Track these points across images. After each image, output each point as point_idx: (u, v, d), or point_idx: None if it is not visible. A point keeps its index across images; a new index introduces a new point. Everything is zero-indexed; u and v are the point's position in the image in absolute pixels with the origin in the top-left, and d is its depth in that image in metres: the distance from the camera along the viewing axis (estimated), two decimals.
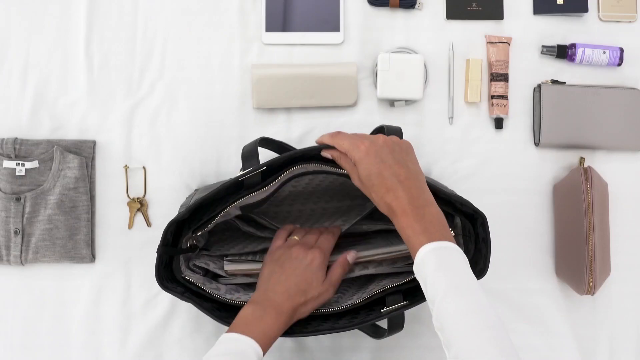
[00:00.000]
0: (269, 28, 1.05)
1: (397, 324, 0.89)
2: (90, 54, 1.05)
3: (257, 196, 0.85)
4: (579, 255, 0.96)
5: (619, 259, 1.03)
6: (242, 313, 0.81)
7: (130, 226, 1.03)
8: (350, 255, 0.88)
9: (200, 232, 0.85)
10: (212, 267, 0.89)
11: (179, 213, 0.84)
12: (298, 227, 0.94)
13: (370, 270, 0.90)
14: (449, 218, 0.87)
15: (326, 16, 1.05)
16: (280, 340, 1.01)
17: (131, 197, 1.03)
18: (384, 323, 0.92)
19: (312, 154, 0.84)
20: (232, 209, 0.86)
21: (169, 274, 0.87)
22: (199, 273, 0.88)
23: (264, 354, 0.78)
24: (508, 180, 1.04)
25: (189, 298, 0.85)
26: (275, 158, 0.83)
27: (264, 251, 0.91)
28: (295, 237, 0.89)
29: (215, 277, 0.91)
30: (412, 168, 0.78)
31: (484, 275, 0.84)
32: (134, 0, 1.05)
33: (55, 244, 1.00)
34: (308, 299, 0.83)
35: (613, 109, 1.03)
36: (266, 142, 0.92)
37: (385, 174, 0.76)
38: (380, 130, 0.87)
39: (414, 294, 0.86)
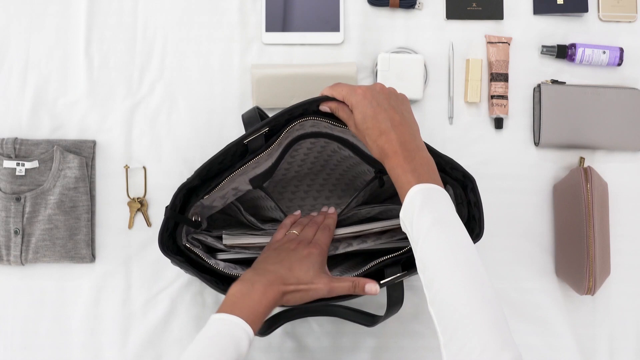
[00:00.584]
0: (269, 28, 1.05)
1: (396, 300, 0.86)
2: (90, 54, 1.05)
3: (262, 162, 0.85)
4: (579, 255, 0.96)
5: (619, 259, 1.03)
6: (230, 291, 0.79)
7: (130, 226, 1.03)
8: (369, 286, 0.82)
9: (207, 196, 0.84)
10: (210, 240, 0.88)
11: (187, 179, 0.83)
12: (298, 217, 0.93)
13: (369, 244, 0.89)
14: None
15: (326, 16, 1.05)
16: (280, 340, 1.01)
17: (131, 197, 1.03)
18: (380, 310, 0.91)
19: (311, 109, 0.83)
20: (243, 184, 0.86)
21: (171, 243, 0.86)
22: (198, 247, 0.88)
23: (254, 331, 0.76)
24: (508, 180, 1.04)
25: (188, 268, 0.84)
26: (276, 115, 0.82)
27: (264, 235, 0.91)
28: (294, 232, 0.88)
29: (212, 254, 0.90)
30: (406, 116, 0.79)
31: (479, 239, 0.83)
32: (134, 0, 1.05)
33: (55, 244, 1.00)
34: (299, 288, 0.81)
35: (613, 109, 1.04)
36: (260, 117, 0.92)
37: (380, 117, 0.77)
38: None
39: (412, 264, 0.83)
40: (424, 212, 0.71)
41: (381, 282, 0.84)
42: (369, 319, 0.92)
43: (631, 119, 1.04)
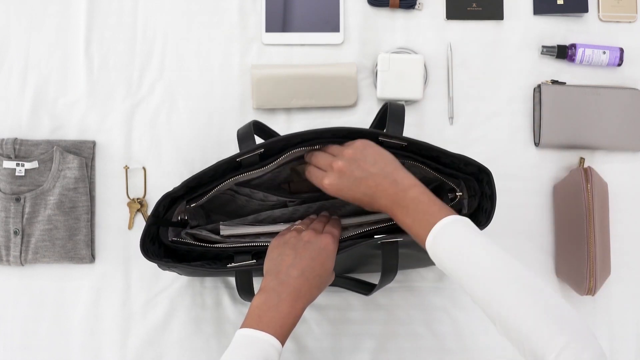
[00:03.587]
0: (269, 28, 1.05)
1: (391, 267, 0.84)
2: (90, 54, 1.05)
3: (255, 174, 0.85)
4: (579, 256, 0.96)
5: (619, 259, 1.03)
6: (255, 303, 0.75)
7: (130, 227, 1.03)
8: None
9: (193, 204, 0.84)
10: (205, 233, 0.88)
11: (174, 188, 0.83)
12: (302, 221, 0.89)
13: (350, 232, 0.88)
14: (455, 180, 0.85)
15: (326, 16, 1.05)
16: None
17: (131, 197, 1.03)
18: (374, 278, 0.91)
19: (311, 137, 0.83)
20: (229, 184, 0.86)
21: (156, 248, 0.86)
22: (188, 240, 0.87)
23: (282, 345, 0.74)
24: (508, 181, 1.04)
25: (173, 267, 0.84)
26: (274, 140, 0.82)
27: (258, 222, 0.90)
28: (301, 227, 0.84)
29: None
30: (372, 171, 0.78)
31: (483, 229, 0.83)
32: (134, 0, 1.05)
33: (55, 245, 1.00)
34: (322, 285, 0.78)
35: (613, 109, 1.03)
36: (258, 129, 0.91)
37: (357, 196, 0.79)
38: (384, 108, 0.88)
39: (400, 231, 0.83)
40: (449, 264, 0.73)
41: (375, 236, 0.82)
42: (366, 287, 0.94)
43: (631, 119, 1.04)
